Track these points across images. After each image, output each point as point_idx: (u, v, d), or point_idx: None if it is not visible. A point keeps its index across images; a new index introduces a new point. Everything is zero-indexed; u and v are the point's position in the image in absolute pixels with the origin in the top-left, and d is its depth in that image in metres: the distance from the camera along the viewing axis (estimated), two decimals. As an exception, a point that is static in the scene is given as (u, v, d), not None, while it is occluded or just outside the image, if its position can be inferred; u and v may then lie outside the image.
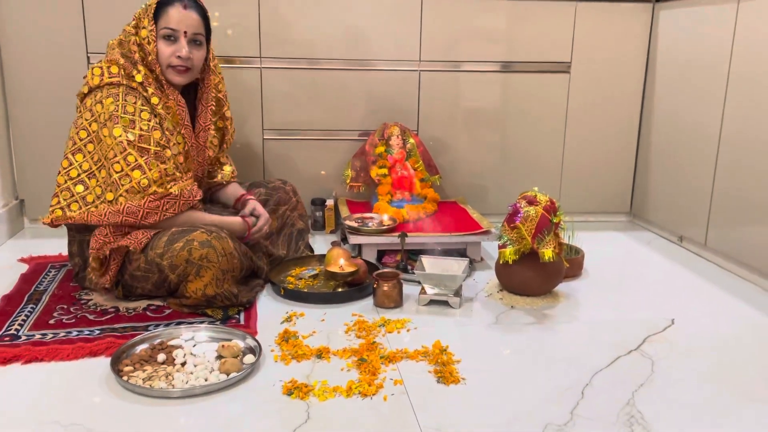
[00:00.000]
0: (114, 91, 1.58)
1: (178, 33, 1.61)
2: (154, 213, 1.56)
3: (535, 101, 2.40)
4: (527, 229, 1.65)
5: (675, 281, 1.92)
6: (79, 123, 1.60)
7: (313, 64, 2.26)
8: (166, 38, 1.61)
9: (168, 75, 1.63)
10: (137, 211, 1.54)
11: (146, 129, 1.57)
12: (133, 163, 1.54)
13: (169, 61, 1.62)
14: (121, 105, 1.56)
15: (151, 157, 1.55)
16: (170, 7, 1.61)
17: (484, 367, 1.36)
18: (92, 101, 1.59)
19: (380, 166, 2.23)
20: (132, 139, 1.54)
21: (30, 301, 1.62)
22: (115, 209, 1.54)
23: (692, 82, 2.15)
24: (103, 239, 1.56)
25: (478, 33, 2.32)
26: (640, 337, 1.51)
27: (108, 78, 1.59)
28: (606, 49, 2.38)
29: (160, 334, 1.42)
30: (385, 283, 1.65)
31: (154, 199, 1.55)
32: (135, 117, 1.56)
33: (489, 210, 2.35)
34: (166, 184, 1.57)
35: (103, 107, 1.56)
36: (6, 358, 1.33)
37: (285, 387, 1.25)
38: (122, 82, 1.59)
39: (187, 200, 1.60)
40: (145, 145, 1.55)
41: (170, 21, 1.60)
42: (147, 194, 1.54)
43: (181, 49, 1.61)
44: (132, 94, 1.58)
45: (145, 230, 1.58)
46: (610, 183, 2.52)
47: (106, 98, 1.57)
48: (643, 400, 1.24)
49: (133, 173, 1.54)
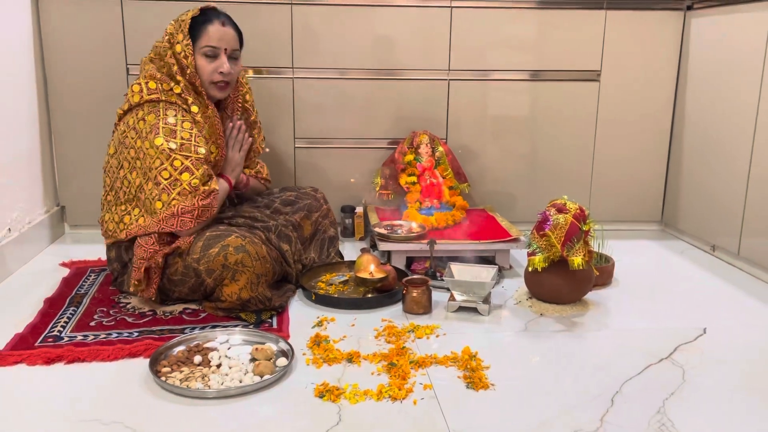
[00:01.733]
0: (155, 108, 1.64)
1: (219, 50, 1.68)
2: (206, 209, 1.63)
3: (564, 110, 2.40)
4: (557, 237, 1.66)
5: (707, 290, 1.90)
6: (127, 143, 1.66)
7: (343, 74, 2.30)
8: (206, 55, 1.67)
9: (210, 90, 1.70)
10: (193, 210, 1.60)
11: (187, 138, 1.62)
12: (180, 167, 1.59)
13: (211, 78, 1.68)
14: (162, 117, 1.62)
15: (194, 159, 1.61)
16: (210, 24, 1.66)
17: (513, 374, 1.37)
18: (134, 119, 1.65)
19: (409, 174, 2.26)
20: (174, 147, 1.60)
21: (71, 304, 1.68)
22: (169, 212, 1.60)
23: (724, 90, 2.13)
24: (151, 248, 1.61)
25: (507, 42, 2.33)
26: (671, 345, 1.50)
27: (147, 95, 1.65)
28: (637, 56, 2.37)
29: (196, 336, 1.46)
30: (414, 289, 1.67)
31: (205, 197, 1.61)
32: (176, 127, 1.62)
33: (517, 218, 2.35)
34: (209, 183, 1.64)
35: (145, 123, 1.63)
36: (50, 358, 1.38)
37: (317, 389, 1.28)
38: (161, 98, 1.65)
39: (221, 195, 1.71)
40: (186, 153, 1.61)
41: (211, 39, 1.66)
42: (198, 194, 1.60)
43: (222, 66, 1.68)
44: (172, 108, 1.64)
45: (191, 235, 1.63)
46: (641, 191, 2.50)
47: (147, 114, 1.63)
48: (674, 408, 1.23)
49: (182, 176, 1.59)
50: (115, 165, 1.70)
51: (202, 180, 1.62)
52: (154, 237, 1.62)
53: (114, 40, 2.18)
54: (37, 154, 2.17)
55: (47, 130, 2.23)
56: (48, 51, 2.18)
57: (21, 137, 2.06)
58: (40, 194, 2.19)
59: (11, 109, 2.00)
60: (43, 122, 2.20)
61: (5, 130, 1.95)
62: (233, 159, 1.80)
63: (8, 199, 1.95)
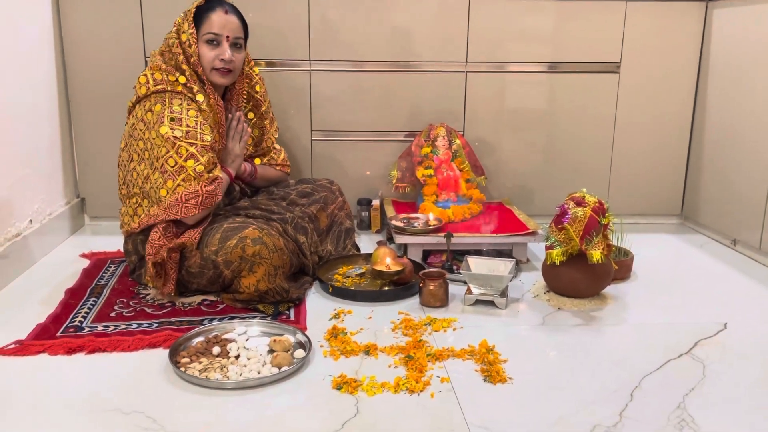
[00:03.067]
0: (161, 98, 1.66)
1: (221, 37, 1.70)
2: (211, 196, 1.64)
3: (583, 102, 2.38)
4: (575, 231, 1.65)
5: (727, 285, 1.87)
6: (136, 135, 1.68)
7: (360, 66, 2.30)
8: (209, 42, 1.69)
9: (212, 77, 1.72)
10: (197, 196, 1.62)
11: (193, 125, 1.64)
12: (185, 154, 1.61)
13: (212, 64, 1.71)
14: (167, 106, 1.64)
15: (199, 146, 1.63)
16: (212, 12, 1.69)
17: (531, 368, 1.36)
18: (142, 111, 1.67)
19: (426, 166, 2.25)
20: (179, 135, 1.62)
21: (92, 295, 1.70)
22: (173, 199, 1.61)
23: (747, 82, 2.10)
24: (157, 243, 1.62)
25: (526, 33, 2.31)
26: (691, 340, 1.49)
27: (153, 86, 1.67)
28: (657, 48, 2.34)
29: (214, 327, 1.48)
30: (431, 282, 1.67)
31: (209, 183, 1.63)
32: (182, 115, 1.64)
33: (534, 211, 2.34)
34: (214, 170, 1.66)
35: (153, 114, 1.65)
36: (71, 347, 1.40)
37: (334, 381, 1.28)
38: (167, 88, 1.67)
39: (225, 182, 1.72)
40: (191, 140, 1.62)
41: (213, 26, 1.69)
42: (202, 180, 1.62)
43: (224, 53, 1.70)
44: (177, 97, 1.67)
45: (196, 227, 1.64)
46: (661, 184, 2.47)
47: (154, 105, 1.66)
48: (695, 404, 1.22)
49: (187, 163, 1.61)
50: (126, 158, 1.72)
51: (207, 167, 1.63)
52: (160, 231, 1.62)
53: (133, 33, 2.19)
54: (58, 146, 2.19)
55: (67, 123, 2.26)
56: (68, 43, 2.19)
57: (41, 129, 2.08)
58: (61, 186, 2.22)
59: (32, 102, 2.02)
60: (63, 114, 2.22)
61: (26, 123, 1.97)
62: (233, 150, 1.81)
63: (29, 191, 1.97)
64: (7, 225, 1.83)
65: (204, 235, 1.63)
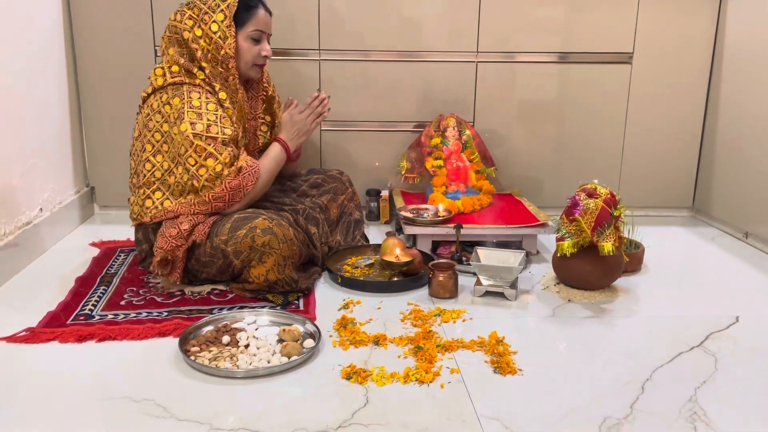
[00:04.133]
0: (179, 91, 1.65)
1: (265, 35, 1.74)
2: (238, 191, 1.64)
3: (594, 93, 2.35)
4: (586, 222, 1.63)
5: (740, 278, 1.86)
6: (151, 126, 1.67)
7: (369, 56, 2.28)
8: (252, 39, 1.72)
9: (250, 72, 1.75)
10: (224, 195, 1.62)
11: (213, 119, 1.63)
12: (204, 153, 1.60)
13: (255, 60, 1.73)
14: (186, 101, 1.63)
15: (218, 143, 1.62)
16: (257, 9, 1.72)
17: (541, 359, 1.36)
18: (159, 103, 1.66)
19: (436, 157, 2.24)
20: (199, 131, 1.60)
21: (102, 283, 1.71)
22: (200, 200, 1.62)
23: (761, 74, 2.07)
24: (173, 242, 1.61)
25: (537, 23, 2.29)
26: (703, 333, 1.47)
27: (171, 78, 1.66)
28: (671, 38, 2.31)
29: (224, 317, 1.48)
30: (440, 273, 1.66)
31: (232, 179, 1.62)
32: (201, 110, 1.63)
33: (544, 203, 2.32)
34: (235, 164, 1.65)
35: (171, 108, 1.64)
36: (82, 335, 1.41)
37: (344, 371, 1.28)
38: (185, 80, 1.66)
39: (256, 169, 1.68)
40: (212, 134, 1.61)
41: (260, 24, 1.72)
42: (224, 177, 1.62)
43: (266, 49, 1.75)
44: (196, 90, 1.65)
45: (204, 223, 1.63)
46: (673, 177, 2.45)
47: (172, 98, 1.64)
48: (706, 397, 1.21)
49: (207, 162, 1.60)
50: (139, 148, 1.71)
51: (227, 163, 1.62)
52: (177, 228, 1.61)
53: (143, 23, 2.19)
54: (67, 135, 2.19)
55: (77, 112, 2.26)
56: (78, 32, 2.19)
57: (51, 119, 2.08)
58: (71, 175, 2.22)
59: (42, 91, 2.02)
60: (72, 103, 2.22)
61: (36, 112, 1.97)
62: (301, 124, 1.81)
63: (39, 180, 1.98)
64: (18, 213, 1.83)
65: (214, 225, 1.63)
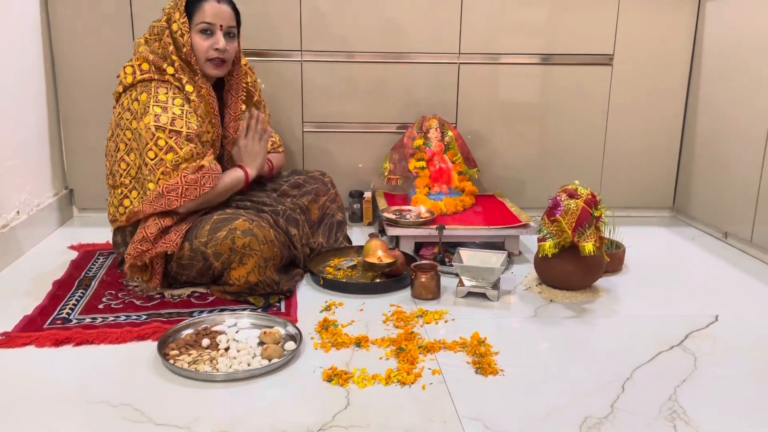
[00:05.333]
0: (147, 87, 1.63)
1: (215, 27, 1.66)
2: (193, 187, 1.60)
3: (575, 94, 2.37)
4: (567, 223, 1.64)
5: (719, 278, 1.88)
6: (122, 124, 1.65)
7: (352, 57, 2.28)
8: (202, 32, 1.66)
9: (205, 68, 1.69)
10: (177, 188, 1.58)
11: (178, 114, 1.61)
12: (164, 146, 1.58)
13: (206, 55, 1.67)
14: (153, 96, 1.61)
15: (182, 138, 1.59)
16: (205, 2, 1.65)
17: (522, 360, 1.36)
18: (128, 100, 1.64)
19: (418, 158, 2.24)
20: (163, 123, 1.58)
21: (80, 287, 1.68)
22: (156, 193, 1.59)
23: (739, 76, 2.09)
24: (140, 248, 1.59)
25: (518, 25, 2.30)
26: (683, 333, 1.49)
27: (140, 75, 1.64)
28: (650, 41, 2.33)
29: (204, 320, 1.46)
30: (423, 274, 1.66)
31: (189, 173, 1.59)
32: (167, 104, 1.61)
33: (526, 204, 2.33)
34: (197, 160, 1.61)
35: (139, 104, 1.62)
36: (59, 339, 1.38)
37: (325, 374, 1.27)
38: (153, 77, 1.64)
39: (216, 174, 1.64)
40: (177, 128, 1.59)
41: (206, 15, 1.65)
42: (180, 171, 1.59)
43: (218, 42, 1.66)
44: (164, 86, 1.63)
45: (176, 230, 1.61)
46: (653, 177, 2.47)
47: (140, 95, 1.62)
48: (686, 395, 1.22)
49: (167, 156, 1.58)
50: (113, 148, 1.69)
51: (188, 158, 1.59)
52: (144, 232, 1.59)
53: (122, 22, 2.16)
54: (46, 137, 2.16)
55: (55, 114, 2.23)
56: (56, 33, 2.16)
57: (29, 120, 2.06)
58: (49, 177, 2.19)
59: (20, 93, 1.99)
60: (51, 105, 2.19)
61: (14, 114, 1.95)
62: (252, 150, 1.76)
63: (17, 182, 1.95)
64: (-6, 216, 1.81)
65: (194, 227, 1.61)
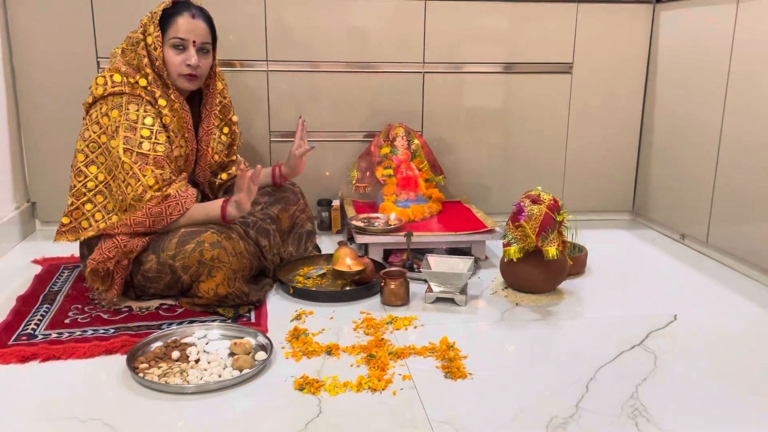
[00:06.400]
0: (118, 101, 1.60)
1: (187, 42, 1.65)
2: (159, 219, 1.58)
3: (537, 102, 2.43)
4: (531, 228, 1.68)
5: (677, 278, 1.94)
6: (87, 136, 1.63)
7: (318, 67, 2.30)
8: (174, 47, 1.64)
9: (177, 82, 1.67)
10: (144, 221, 1.57)
11: (147, 135, 1.59)
12: (129, 171, 1.56)
13: (178, 70, 1.65)
14: (124, 114, 1.59)
15: (149, 164, 1.57)
16: (179, 16, 1.64)
17: (490, 363, 1.39)
18: (98, 113, 1.62)
19: (385, 166, 2.26)
20: (130, 146, 1.57)
21: (45, 301, 1.66)
22: (124, 222, 1.58)
23: (693, 82, 2.18)
24: (107, 254, 1.57)
25: (481, 34, 2.35)
26: (643, 332, 1.54)
27: (111, 87, 1.61)
28: (608, 49, 2.40)
29: (173, 332, 1.46)
30: (392, 281, 1.68)
31: (154, 205, 1.57)
32: (137, 124, 1.59)
33: (492, 209, 2.38)
34: (163, 189, 1.59)
35: (109, 119, 1.60)
36: (24, 356, 1.36)
37: (296, 383, 1.28)
38: (125, 90, 1.61)
39: (185, 199, 1.61)
40: (144, 151, 1.57)
41: (179, 30, 1.64)
42: (145, 200, 1.56)
43: (190, 58, 1.64)
44: (135, 102, 1.61)
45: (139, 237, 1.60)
46: (613, 182, 2.54)
47: (111, 110, 1.60)
48: (647, 393, 1.27)
49: (131, 181, 1.56)
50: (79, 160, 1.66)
51: (152, 185, 1.57)
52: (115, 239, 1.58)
53: (84, 33, 2.14)
54: (6, 149, 2.12)
55: (16, 125, 2.19)
56: (16, 43, 2.13)
57: (-11, 132, 2.02)
58: (10, 190, 2.15)
59: (-22, 104, 1.95)
60: (12, 117, 2.15)
61: (-28, 126, 1.91)
62: (243, 203, 1.64)
63: (-23, 196, 1.91)
64: (-46, 231, 1.77)
65: (160, 240, 1.60)
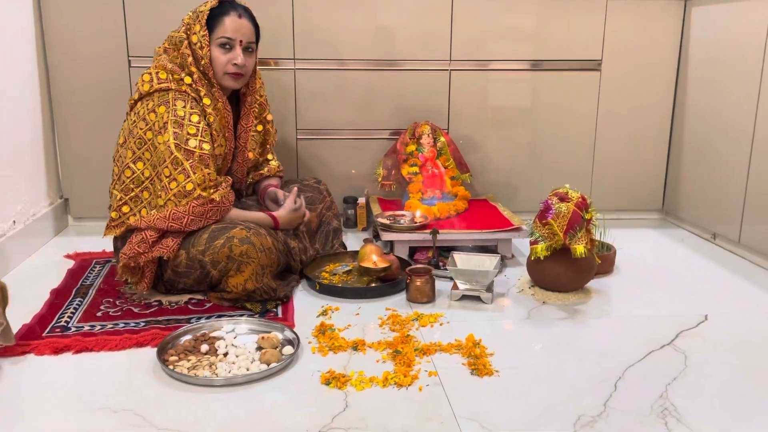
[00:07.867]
0: (165, 98, 1.64)
1: (234, 42, 1.69)
2: (198, 219, 1.61)
3: (565, 99, 2.41)
4: (559, 226, 1.67)
5: (708, 278, 1.91)
6: (134, 132, 1.65)
7: (344, 65, 2.31)
8: (221, 46, 1.68)
9: (223, 81, 1.71)
10: (183, 217, 1.59)
11: (194, 132, 1.62)
12: (179, 167, 1.60)
13: (225, 69, 1.69)
14: (171, 110, 1.62)
15: (195, 160, 1.61)
16: (226, 16, 1.68)
17: (516, 361, 1.38)
18: (144, 109, 1.65)
19: (411, 164, 2.27)
20: (178, 143, 1.60)
21: (78, 295, 1.69)
22: (162, 215, 1.59)
23: (725, 79, 2.14)
24: (137, 249, 1.60)
25: (508, 32, 2.33)
26: (673, 332, 1.52)
27: (157, 84, 1.65)
28: (637, 46, 2.37)
29: (202, 326, 1.48)
30: (418, 278, 1.68)
31: (198, 205, 1.60)
32: (184, 121, 1.62)
33: (518, 208, 2.36)
34: (209, 189, 1.62)
35: (156, 116, 1.63)
36: (58, 348, 1.40)
37: (323, 377, 1.29)
38: (171, 87, 1.65)
39: (226, 207, 1.66)
40: (190, 148, 1.61)
41: (227, 30, 1.68)
42: (191, 198, 1.59)
43: (237, 57, 1.69)
44: (181, 99, 1.64)
45: (174, 237, 1.61)
46: (642, 180, 2.51)
47: (158, 106, 1.63)
48: (677, 393, 1.25)
49: (179, 177, 1.59)
50: (123, 155, 1.69)
51: (200, 183, 1.60)
52: (143, 234, 1.60)
53: (116, 32, 2.18)
54: (40, 146, 2.18)
55: (50, 123, 2.24)
56: (50, 43, 2.18)
57: (24, 130, 2.07)
58: (44, 187, 2.20)
59: (14, 102, 2.00)
60: (45, 114, 2.21)
61: (8, 123, 1.96)
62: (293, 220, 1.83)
63: (12, 192, 1.96)
64: (-10, 226, 1.82)
65: (191, 235, 1.63)
